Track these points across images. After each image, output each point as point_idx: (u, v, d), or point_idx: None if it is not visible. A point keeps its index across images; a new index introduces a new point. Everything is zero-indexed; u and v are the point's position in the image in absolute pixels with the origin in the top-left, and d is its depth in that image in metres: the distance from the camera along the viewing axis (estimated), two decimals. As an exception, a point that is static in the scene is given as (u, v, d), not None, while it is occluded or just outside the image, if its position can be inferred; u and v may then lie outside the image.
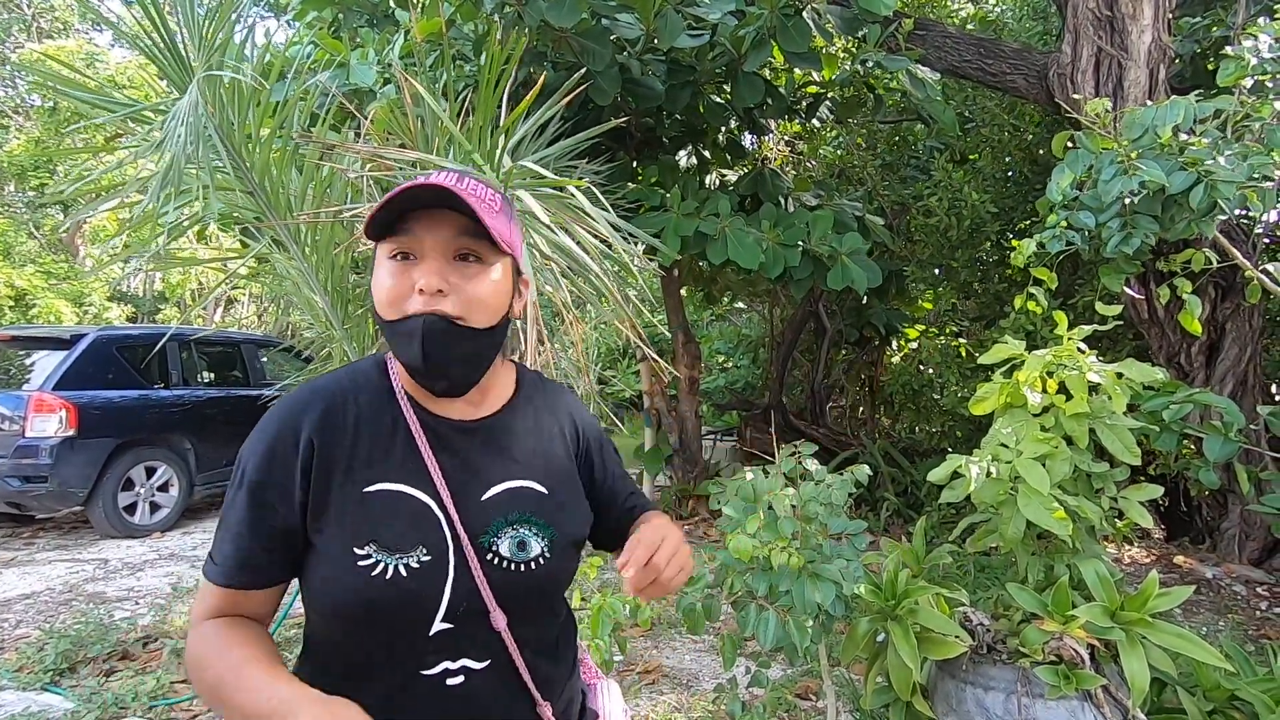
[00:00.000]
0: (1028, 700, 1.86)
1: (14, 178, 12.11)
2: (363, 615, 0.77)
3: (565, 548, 0.89)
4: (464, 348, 0.82)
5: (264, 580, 0.80)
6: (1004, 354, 2.18)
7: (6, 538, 5.36)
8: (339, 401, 0.84)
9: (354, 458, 0.81)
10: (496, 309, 0.84)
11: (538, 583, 0.85)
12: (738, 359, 10.04)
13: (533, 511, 0.87)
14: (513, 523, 0.85)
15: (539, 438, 0.93)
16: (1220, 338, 4.13)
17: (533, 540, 0.85)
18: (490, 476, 0.86)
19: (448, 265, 0.81)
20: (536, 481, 0.89)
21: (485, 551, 0.82)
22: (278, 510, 0.79)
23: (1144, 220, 3.05)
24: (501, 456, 0.88)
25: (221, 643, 0.76)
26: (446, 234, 0.80)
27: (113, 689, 2.78)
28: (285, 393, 2.89)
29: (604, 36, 3.83)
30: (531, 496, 0.88)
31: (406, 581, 0.77)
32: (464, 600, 0.80)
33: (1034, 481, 1.81)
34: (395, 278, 0.80)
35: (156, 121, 2.08)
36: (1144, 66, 3.95)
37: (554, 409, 0.97)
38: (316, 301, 2.43)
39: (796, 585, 1.88)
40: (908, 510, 5.46)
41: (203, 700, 0.80)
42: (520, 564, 0.84)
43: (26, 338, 5.61)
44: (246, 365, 6.55)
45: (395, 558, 0.78)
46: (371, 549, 0.77)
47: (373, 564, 0.77)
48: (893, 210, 6.03)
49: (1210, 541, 4.43)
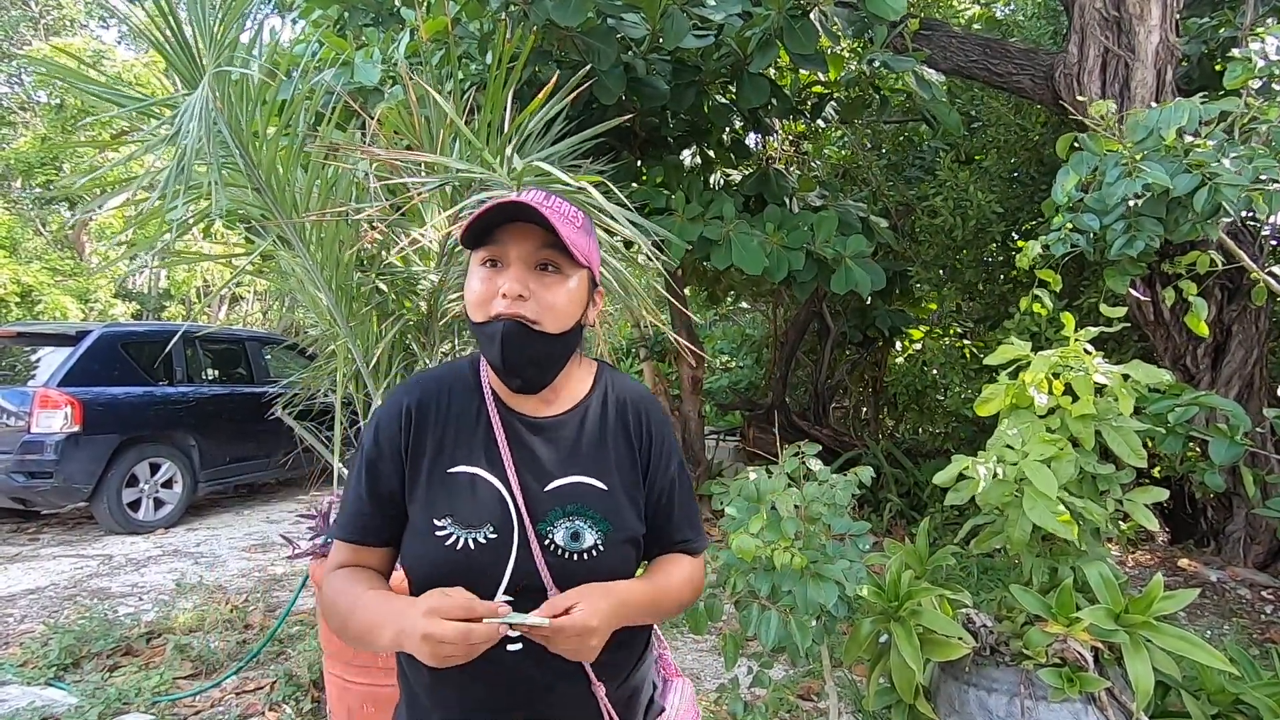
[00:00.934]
0: (1030, 702, 1.86)
1: (20, 174, 12.15)
2: (437, 578, 0.87)
3: (621, 543, 0.95)
4: (537, 350, 0.91)
5: (376, 537, 0.95)
6: (1010, 355, 2.18)
7: (12, 533, 5.38)
8: (434, 391, 0.97)
9: (442, 441, 0.94)
10: (570, 316, 0.93)
11: (588, 574, 0.91)
12: (741, 359, 10.03)
13: (590, 505, 0.94)
14: (569, 514, 0.93)
15: (605, 437, 0.99)
16: (1226, 340, 4.11)
17: (587, 532, 0.93)
18: (554, 470, 0.95)
19: (530, 274, 0.90)
20: (597, 478, 0.96)
21: (543, 538, 0.91)
22: (387, 478, 0.94)
23: (1148, 222, 3.03)
24: (566, 452, 0.96)
25: (347, 583, 0.91)
26: (530, 245, 0.90)
27: (116, 684, 2.79)
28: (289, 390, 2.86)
29: (609, 36, 3.82)
30: (590, 492, 0.95)
31: (475, 554, 0.89)
32: (524, 578, 0.90)
33: (1040, 484, 1.80)
34: (484, 283, 0.91)
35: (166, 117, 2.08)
36: (1151, 67, 3.93)
37: (626, 412, 1.02)
38: (321, 299, 2.44)
39: (799, 585, 1.88)
40: (910, 511, 5.45)
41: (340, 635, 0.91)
42: (574, 553, 0.92)
43: (32, 334, 5.64)
44: (250, 362, 6.57)
45: (467, 531, 0.89)
46: (448, 522, 0.90)
47: (448, 534, 0.89)
48: (897, 211, 6.01)
49: (1215, 545, 4.41)
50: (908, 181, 5.99)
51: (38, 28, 13.65)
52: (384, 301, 2.50)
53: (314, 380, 3.02)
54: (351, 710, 2.36)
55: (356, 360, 2.46)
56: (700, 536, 1.07)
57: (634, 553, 0.98)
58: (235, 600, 3.81)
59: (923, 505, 5.45)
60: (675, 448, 1.06)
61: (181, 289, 13.86)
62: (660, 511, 1.02)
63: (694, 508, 1.07)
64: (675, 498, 1.03)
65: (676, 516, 1.04)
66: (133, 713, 2.64)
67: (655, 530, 1.02)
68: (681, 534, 1.04)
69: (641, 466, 1.01)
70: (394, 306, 2.52)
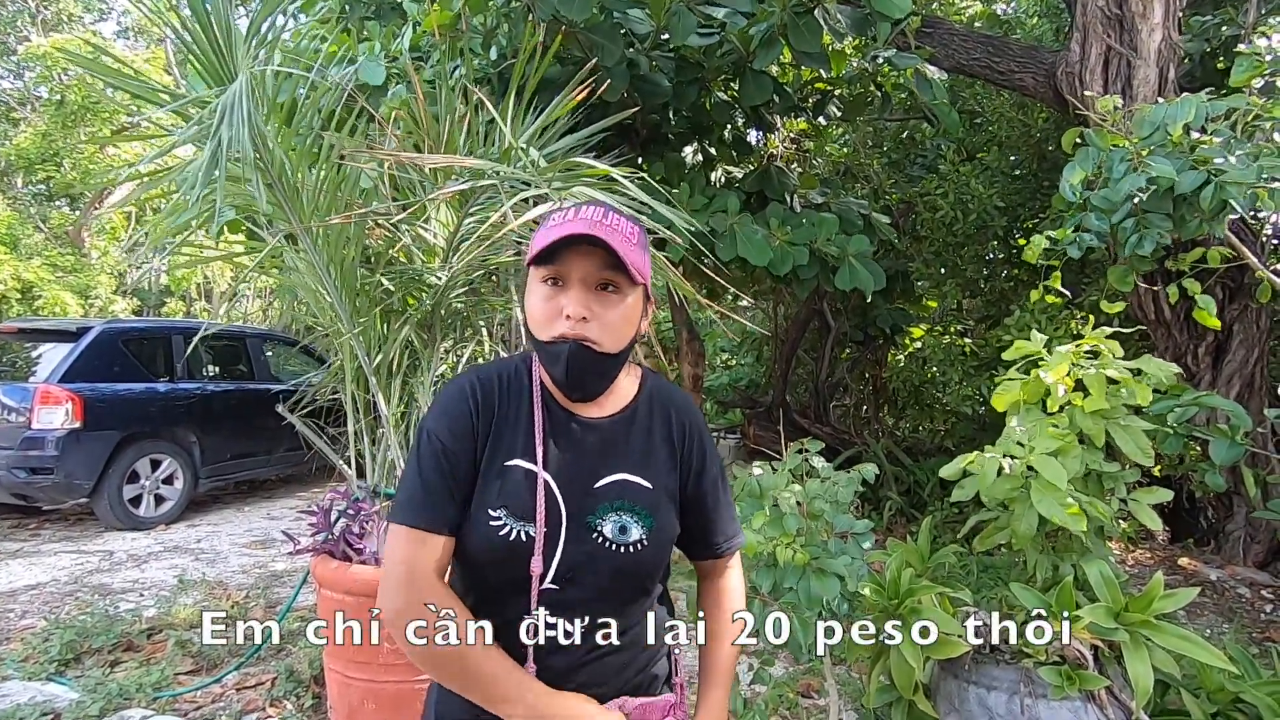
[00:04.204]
0: (1030, 700, 1.86)
1: (21, 170, 12.14)
2: (489, 565, 0.95)
3: (662, 539, 1.01)
4: (599, 369, 0.97)
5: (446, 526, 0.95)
6: (1025, 350, 2.18)
7: (13, 529, 5.39)
8: (493, 386, 1.01)
9: (500, 436, 0.99)
10: (627, 335, 0.99)
11: (634, 565, 0.97)
12: (741, 357, 10.02)
13: (636, 501, 1.00)
14: (617, 509, 0.98)
15: (650, 439, 1.05)
16: (1228, 339, 4.10)
17: (634, 526, 0.98)
18: (603, 468, 1.00)
19: (591, 294, 0.95)
20: (642, 477, 1.02)
21: (591, 531, 0.97)
22: (463, 464, 0.97)
23: (1156, 219, 3.03)
24: (615, 452, 1.02)
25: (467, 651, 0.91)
26: (592, 266, 0.94)
27: (117, 680, 2.80)
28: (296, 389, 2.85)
29: (614, 31, 3.81)
30: (636, 489, 1.01)
31: (526, 545, 0.94)
32: (570, 570, 0.95)
33: (1050, 476, 1.80)
34: (547, 302, 0.95)
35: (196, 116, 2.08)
36: (1154, 65, 3.93)
37: (669, 416, 1.08)
38: (324, 296, 2.43)
39: (801, 582, 1.88)
40: (911, 510, 5.45)
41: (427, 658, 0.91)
42: (621, 545, 0.97)
43: (33, 330, 5.64)
44: (251, 360, 6.56)
45: (519, 524, 0.94)
46: (502, 513, 0.95)
47: (500, 524, 0.94)
48: (898, 209, 6.00)
49: (1215, 544, 4.41)
50: (909, 179, 5.98)
51: (35, 22, 13.63)
52: (390, 299, 2.50)
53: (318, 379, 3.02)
54: (352, 706, 2.36)
55: (361, 358, 2.46)
56: (739, 531, 1.14)
57: (668, 553, 1.05)
58: (236, 596, 3.82)
59: (923, 503, 5.45)
60: (716, 452, 1.12)
61: (181, 285, 13.85)
62: (705, 511, 1.08)
63: (733, 506, 1.15)
64: (721, 497, 1.10)
65: (721, 516, 1.10)
66: (134, 708, 2.64)
67: (701, 529, 1.09)
68: (725, 533, 1.11)
69: (682, 470, 1.06)
70: (400, 304, 2.52)
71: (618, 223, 0.95)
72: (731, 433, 8.71)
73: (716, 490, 1.09)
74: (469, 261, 2.34)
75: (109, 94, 10.91)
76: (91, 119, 11.05)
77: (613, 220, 0.95)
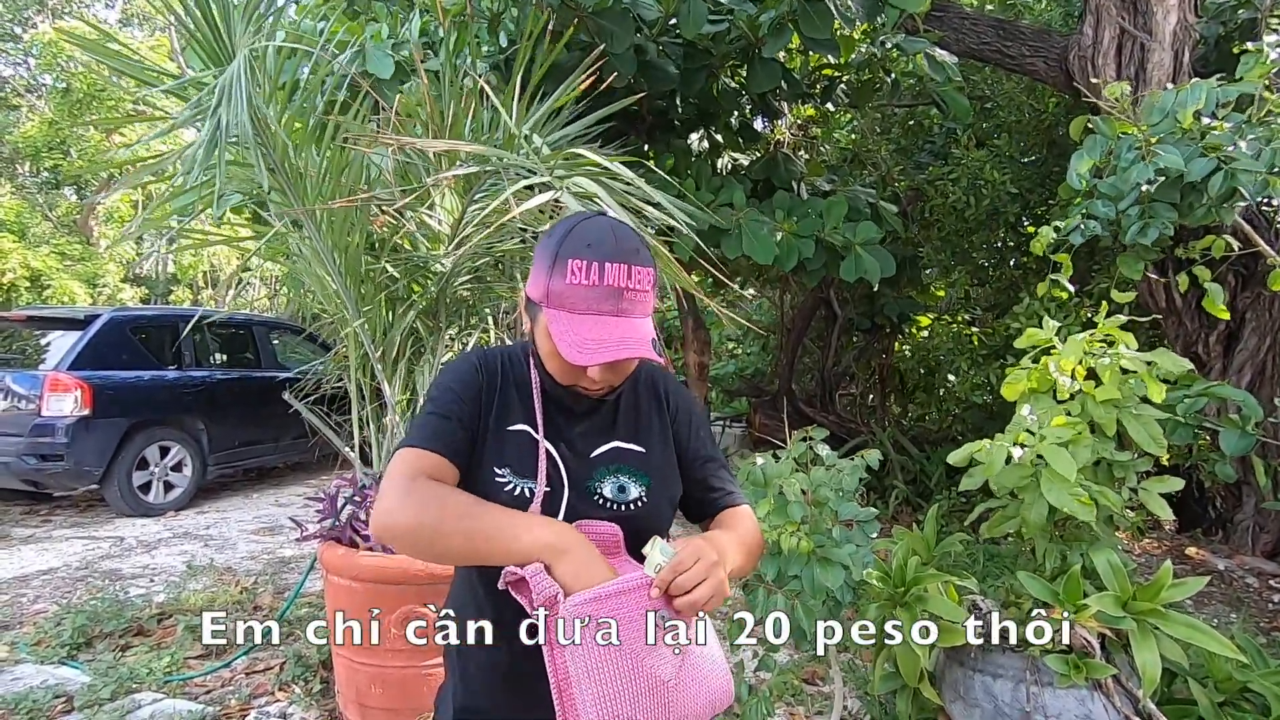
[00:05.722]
0: (1036, 688, 1.86)
1: (28, 159, 12.16)
2: None
3: (662, 498, 1.07)
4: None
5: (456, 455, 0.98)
6: (1036, 339, 2.16)
7: (25, 515, 5.44)
8: (495, 363, 1.08)
9: (503, 405, 1.04)
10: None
11: (634, 523, 1.00)
12: (747, 346, 10.00)
13: (632, 464, 1.06)
14: (614, 472, 1.05)
15: (640, 409, 1.12)
16: (1239, 327, 4.06)
17: (632, 486, 1.04)
18: (600, 437, 1.07)
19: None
20: (636, 443, 1.08)
21: (592, 494, 1.02)
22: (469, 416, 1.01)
23: (1162, 208, 2.99)
24: (608, 425, 1.08)
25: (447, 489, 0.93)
26: None
27: (128, 664, 2.83)
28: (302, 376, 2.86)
29: (624, 17, 3.77)
30: (630, 454, 1.07)
31: (528, 501, 0.98)
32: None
33: (1059, 466, 1.78)
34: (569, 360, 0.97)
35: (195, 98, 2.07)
36: (1168, 49, 3.86)
37: (654, 386, 1.16)
38: (329, 282, 2.43)
39: (806, 569, 1.88)
40: (917, 499, 5.45)
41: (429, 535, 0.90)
42: (621, 504, 1.02)
43: (42, 318, 5.66)
44: (258, 347, 6.59)
45: (523, 481, 0.99)
46: (507, 472, 1.00)
47: (507, 481, 0.99)
48: (906, 196, 5.95)
49: (1223, 533, 4.39)
50: (917, 166, 5.92)
51: (44, 8, 13.61)
52: (395, 286, 2.49)
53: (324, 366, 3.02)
54: (360, 690, 2.38)
55: (366, 345, 2.46)
56: (738, 490, 1.17)
57: (671, 511, 1.09)
58: (245, 582, 3.85)
59: (929, 492, 5.45)
60: (700, 414, 1.18)
61: (188, 273, 13.89)
62: (700, 469, 1.13)
63: (728, 468, 1.18)
64: (715, 456, 1.16)
65: (717, 472, 1.15)
66: (144, 691, 2.67)
67: (700, 488, 1.13)
68: (724, 487, 1.14)
69: (674, 434, 1.13)
70: (405, 291, 2.52)
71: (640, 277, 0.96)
72: (737, 421, 8.71)
73: (709, 449, 1.15)
74: (473, 248, 2.33)
75: (114, 81, 10.92)
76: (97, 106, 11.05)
77: (636, 280, 0.95)
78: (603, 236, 0.96)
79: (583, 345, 0.93)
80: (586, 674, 0.84)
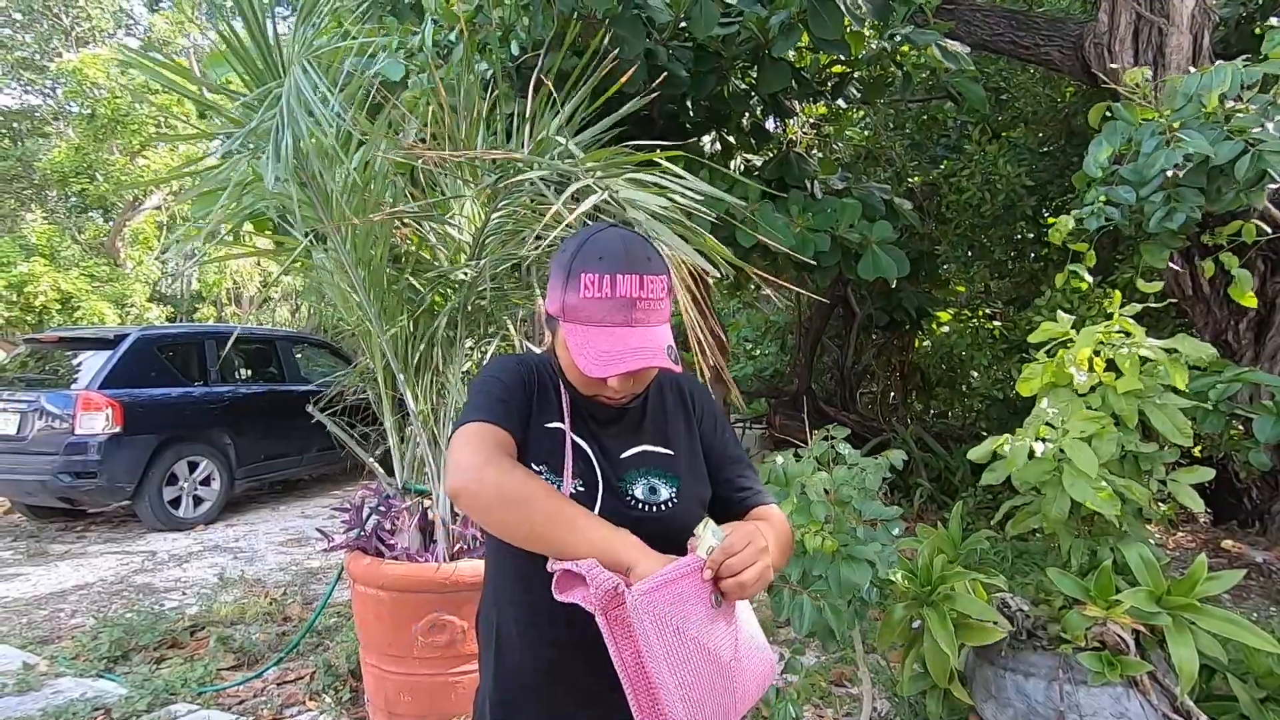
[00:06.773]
0: (1070, 687, 1.83)
1: (56, 184, 12.46)
2: None
3: (692, 499, 1.09)
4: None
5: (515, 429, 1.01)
6: (1052, 332, 2.13)
7: (60, 531, 5.57)
8: (533, 367, 1.10)
9: (541, 406, 1.07)
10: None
11: (664, 525, 1.02)
12: (765, 346, 9.95)
13: (661, 466, 1.09)
14: (645, 474, 1.07)
15: (666, 412, 1.15)
16: (1270, 313, 3.97)
17: (662, 487, 1.07)
18: (629, 440, 1.09)
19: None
20: (664, 446, 1.11)
21: (625, 495, 1.04)
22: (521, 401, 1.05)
23: (1189, 193, 2.93)
24: (634, 429, 1.11)
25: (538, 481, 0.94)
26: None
27: (163, 675, 2.88)
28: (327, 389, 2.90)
29: (635, 23, 3.78)
30: (659, 456, 1.10)
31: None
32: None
33: (1081, 462, 1.76)
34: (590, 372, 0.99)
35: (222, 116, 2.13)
36: (1187, 32, 3.79)
37: (679, 390, 1.19)
38: (352, 296, 2.46)
39: (831, 569, 1.86)
40: (942, 496, 5.38)
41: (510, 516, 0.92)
42: (652, 505, 1.05)
43: (73, 339, 5.80)
44: (282, 361, 6.69)
45: (558, 479, 1.01)
46: (544, 468, 1.02)
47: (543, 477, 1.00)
48: (922, 191, 5.89)
49: (1260, 525, 4.29)
50: (932, 161, 5.86)
51: (69, 39, 13.96)
52: (418, 298, 2.52)
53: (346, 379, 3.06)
54: (389, 699, 2.40)
55: (389, 357, 2.49)
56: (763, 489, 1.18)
57: (701, 512, 1.09)
58: (274, 593, 3.90)
59: (954, 490, 5.37)
60: (724, 418, 1.20)
61: (212, 291, 14.14)
62: (728, 470, 1.15)
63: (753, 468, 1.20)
64: (741, 457, 1.18)
65: (744, 472, 1.16)
66: (180, 703, 2.72)
67: (728, 488, 1.14)
68: (752, 487, 1.16)
69: (700, 435, 1.16)
70: (429, 302, 2.54)
71: (656, 288, 0.98)
72: (756, 423, 8.66)
73: (734, 449, 1.18)
74: (496, 257, 2.35)
75: (137, 106, 11.16)
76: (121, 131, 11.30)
77: (649, 289, 0.97)
78: (614, 248, 0.98)
79: (599, 357, 0.95)
80: (665, 663, 0.83)
